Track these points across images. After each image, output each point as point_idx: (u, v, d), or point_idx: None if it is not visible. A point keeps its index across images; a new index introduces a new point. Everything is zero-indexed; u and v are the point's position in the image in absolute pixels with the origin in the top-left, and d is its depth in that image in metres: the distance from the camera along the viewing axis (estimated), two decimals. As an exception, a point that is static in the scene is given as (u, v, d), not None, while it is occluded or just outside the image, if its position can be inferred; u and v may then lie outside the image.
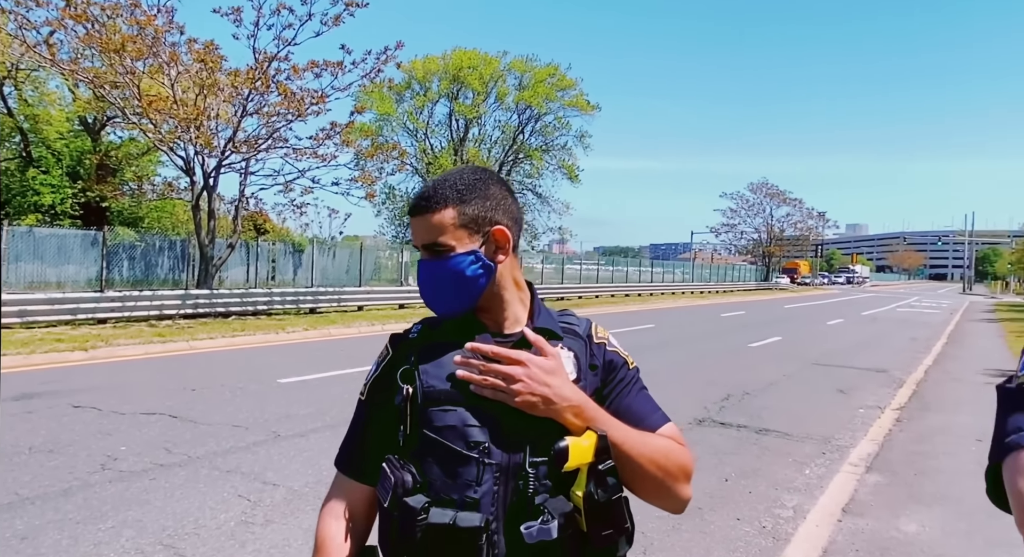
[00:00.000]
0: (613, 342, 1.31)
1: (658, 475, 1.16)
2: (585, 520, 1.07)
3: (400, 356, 1.24)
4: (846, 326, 23.14)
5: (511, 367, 1.12)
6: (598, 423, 1.13)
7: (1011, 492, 0.89)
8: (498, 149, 38.34)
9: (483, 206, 1.22)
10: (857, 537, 4.41)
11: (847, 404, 9.22)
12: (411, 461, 1.14)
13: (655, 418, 1.25)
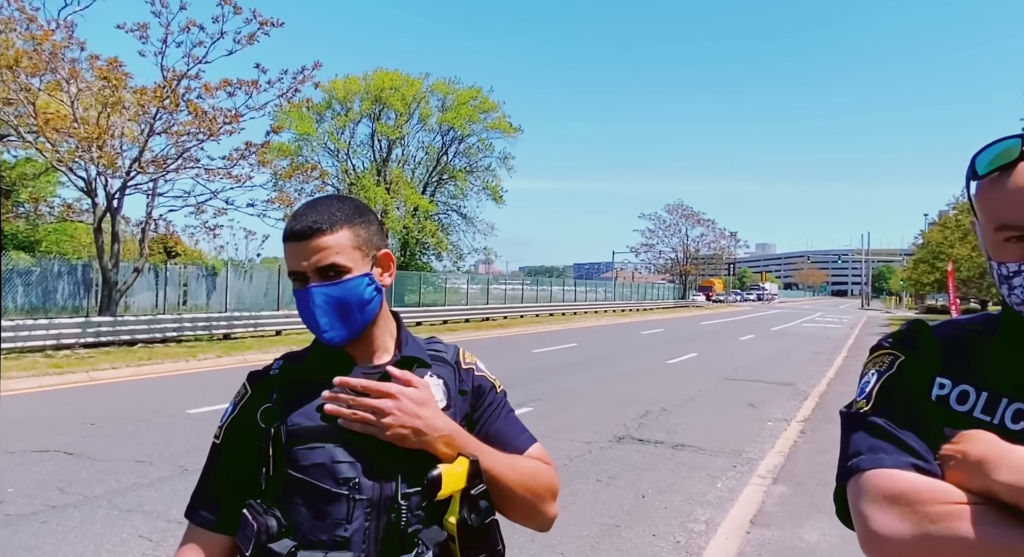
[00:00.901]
0: (480, 367, 1.34)
1: (527, 496, 1.20)
2: (459, 547, 1.09)
3: (260, 394, 1.21)
4: (757, 341, 24.19)
5: (381, 400, 1.12)
6: (469, 449, 1.15)
7: (853, 513, 0.94)
8: (422, 170, 38.31)
9: (370, 229, 1.23)
10: (763, 548, 4.60)
11: (757, 417, 9.62)
12: (275, 504, 1.11)
13: (523, 440, 1.29)
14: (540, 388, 11.52)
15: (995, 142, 0.99)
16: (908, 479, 0.90)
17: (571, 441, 7.72)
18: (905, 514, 0.87)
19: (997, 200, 0.97)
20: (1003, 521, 0.82)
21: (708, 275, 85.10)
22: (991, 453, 0.86)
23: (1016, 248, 0.94)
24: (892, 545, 0.88)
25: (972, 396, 0.98)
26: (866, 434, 0.99)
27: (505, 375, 8.71)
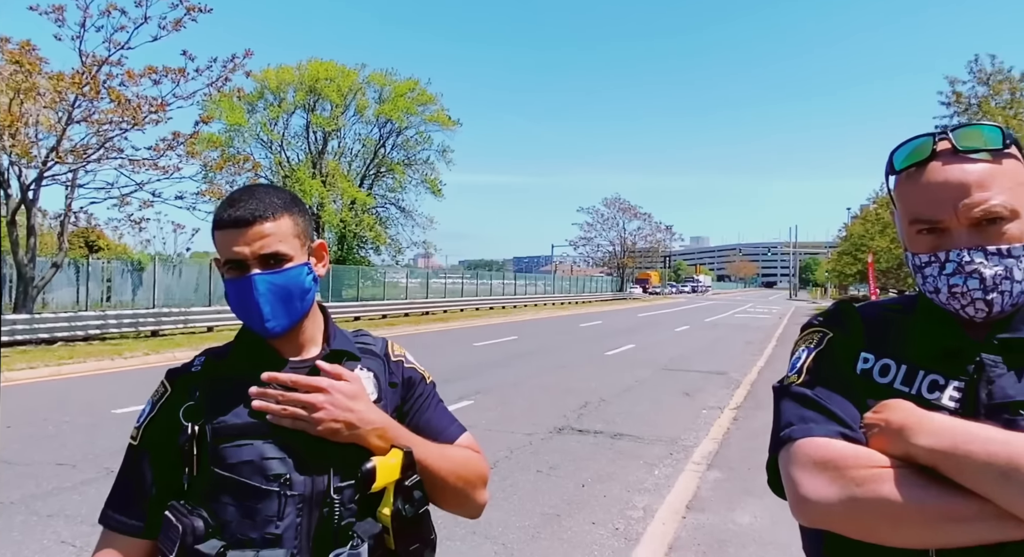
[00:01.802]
0: (410, 358, 1.34)
1: (459, 484, 1.21)
2: (393, 538, 1.09)
3: (180, 393, 1.17)
4: (691, 332, 24.88)
5: (312, 395, 1.11)
6: (402, 441, 1.15)
7: (784, 480, 1.00)
8: (359, 162, 37.67)
9: (306, 219, 1.21)
10: (698, 532, 4.75)
11: (692, 406, 9.91)
12: (201, 504, 1.08)
13: (453, 430, 1.30)
14: (481, 381, 11.54)
15: (910, 139, 1.06)
16: (835, 446, 0.96)
17: (512, 433, 7.77)
18: (832, 479, 0.93)
19: (911, 195, 1.03)
20: (921, 482, 0.88)
21: (645, 268, 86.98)
22: (911, 420, 0.92)
23: (927, 240, 1.01)
24: (820, 508, 0.93)
25: (893, 369, 1.05)
26: (797, 406, 1.05)
27: (446, 369, 8.80)
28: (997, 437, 0.86)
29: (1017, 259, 0.97)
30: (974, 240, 0.98)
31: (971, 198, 0.97)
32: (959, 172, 0.98)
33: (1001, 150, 1.00)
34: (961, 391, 0.99)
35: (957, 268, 0.98)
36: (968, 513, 0.85)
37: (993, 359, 0.99)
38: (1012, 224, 0.97)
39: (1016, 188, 0.99)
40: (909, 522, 0.88)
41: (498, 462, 6.54)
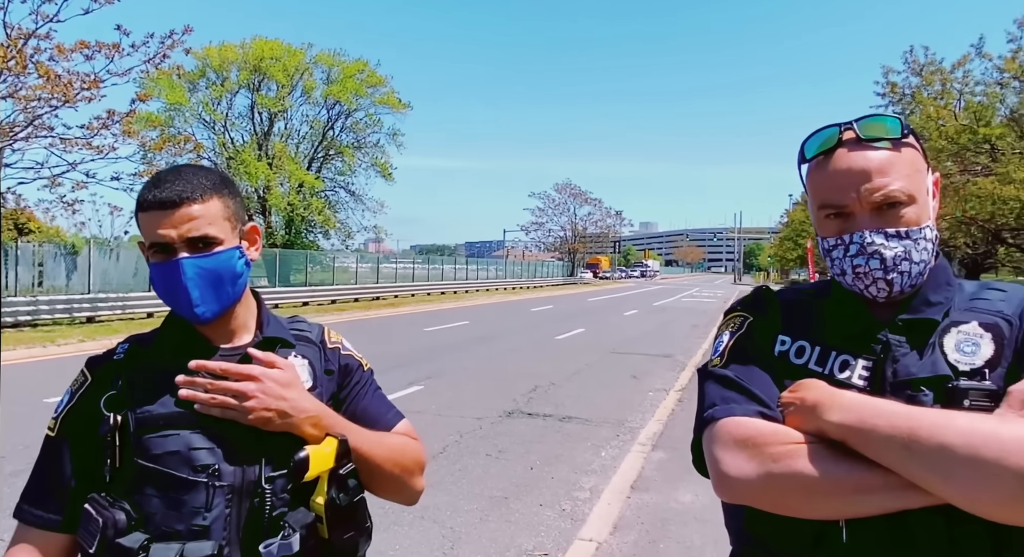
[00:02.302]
0: (347, 345, 1.32)
1: (395, 472, 1.21)
2: (327, 526, 1.08)
3: (101, 381, 1.14)
4: (640, 316, 25.32)
5: (243, 383, 1.08)
6: (337, 429, 1.14)
7: (707, 459, 1.04)
8: (307, 145, 36.80)
9: (237, 201, 1.18)
10: (642, 511, 4.87)
11: (639, 388, 10.10)
12: (124, 497, 1.05)
13: (390, 417, 1.30)
14: (431, 366, 11.52)
15: (820, 129, 1.12)
16: (754, 425, 1.01)
17: (462, 418, 7.79)
18: (751, 456, 0.97)
19: (819, 182, 1.09)
20: (832, 456, 0.93)
21: (595, 253, 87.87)
22: (822, 398, 0.97)
23: (834, 224, 1.07)
24: (740, 484, 0.98)
25: (808, 351, 1.10)
26: (719, 387, 1.09)
27: (396, 354, 8.74)
28: (900, 411, 0.91)
29: (915, 241, 1.03)
30: (875, 223, 1.03)
31: (872, 183, 1.02)
32: (862, 159, 1.04)
33: (900, 139, 1.06)
34: (869, 370, 1.04)
35: (860, 249, 1.04)
36: (874, 484, 0.90)
37: (898, 339, 1.05)
38: (910, 208, 1.03)
39: (914, 175, 1.05)
40: (821, 494, 0.92)
41: (448, 447, 6.56)
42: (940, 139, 12.95)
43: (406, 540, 4.34)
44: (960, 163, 13.91)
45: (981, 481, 0.83)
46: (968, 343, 1.02)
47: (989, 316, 1.04)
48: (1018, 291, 1.07)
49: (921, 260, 1.05)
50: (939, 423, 0.87)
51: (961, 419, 0.88)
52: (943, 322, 1.05)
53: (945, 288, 1.09)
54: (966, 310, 1.06)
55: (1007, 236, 15.40)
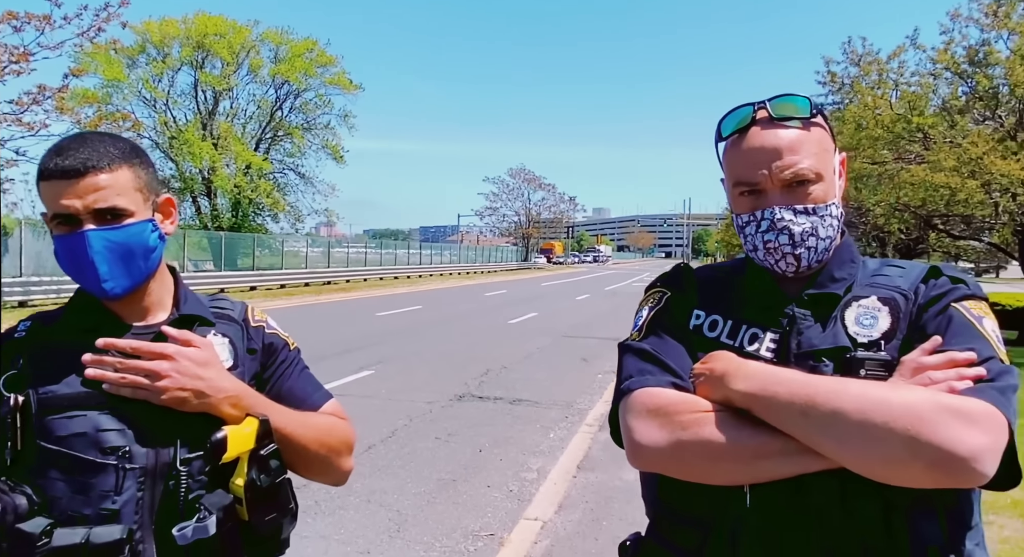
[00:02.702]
0: (272, 324, 1.30)
1: (322, 452, 1.20)
2: (247, 509, 1.06)
3: (1, 361, 1.09)
4: (592, 301, 25.61)
5: (155, 362, 1.06)
6: (258, 409, 1.11)
7: (622, 429, 1.08)
8: (254, 125, 35.76)
9: (149, 172, 1.14)
10: (587, 489, 4.96)
11: (588, 371, 10.25)
12: (25, 481, 1.02)
13: (318, 397, 1.28)
14: (383, 351, 11.44)
15: (736, 108, 1.15)
16: (666, 394, 1.05)
17: (412, 402, 7.78)
18: (662, 425, 1.01)
19: (734, 160, 1.13)
20: (736, 423, 0.97)
21: (549, 238, 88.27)
22: (729, 368, 1.02)
23: (747, 201, 1.11)
24: (651, 452, 1.02)
25: (720, 324, 1.14)
26: (636, 359, 1.13)
27: (347, 339, 8.65)
28: (799, 379, 0.96)
29: (821, 217, 1.08)
30: (785, 200, 1.07)
31: (783, 161, 1.06)
32: (773, 138, 1.08)
33: (809, 119, 1.10)
34: (776, 342, 1.09)
35: (771, 225, 1.08)
36: (774, 449, 0.94)
37: (803, 313, 1.09)
38: (817, 186, 1.08)
39: (822, 154, 1.09)
40: (725, 460, 0.97)
41: (397, 430, 6.54)
42: (877, 128, 13.39)
43: (352, 524, 4.32)
44: (895, 151, 14.43)
45: (870, 444, 0.88)
46: (867, 316, 1.06)
47: (887, 291, 1.09)
48: (915, 268, 1.13)
49: (827, 236, 1.09)
50: (834, 390, 0.92)
51: (854, 386, 0.93)
52: (845, 297, 1.09)
53: (849, 265, 1.13)
54: (867, 285, 1.11)
55: (937, 222, 16.08)
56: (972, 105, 13.72)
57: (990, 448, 0.87)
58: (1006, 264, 19.98)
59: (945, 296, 1.05)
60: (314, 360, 1.35)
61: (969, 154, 12.02)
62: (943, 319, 1.02)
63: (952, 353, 0.97)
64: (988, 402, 0.90)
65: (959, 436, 0.86)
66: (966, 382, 0.93)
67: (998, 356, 0.97)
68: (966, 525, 0.99)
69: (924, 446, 0.86)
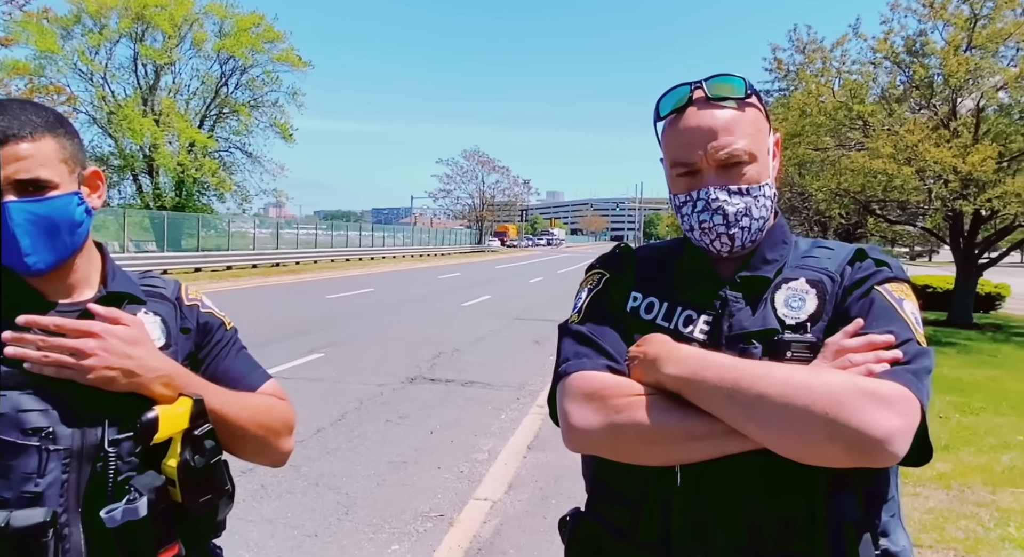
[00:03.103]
0: (207, 303, 1.27)
1: (259, 433, 1.18)
2: (181, 490, 1.05)
3: None
4: (545, 283, 25.77)
5: (81, 340, 1.03)
6: (192, 389, 1.10)
7: (559, 412, 1.10)
8: (198, 101, 34.53)
9: (75, 143, 1.09)
10: (537, 469, 5.04)
11: (541, 353, 10.33)
12: None
13: (256, 377, 1.26)
14: (333, 334, 11.30)
15: (673, 88, 1.15)
16: (601, 378, 1.07)
17: (363, 384, 7.73)
18: (597, 408, 1.03)
19: (672, 140, 1.14)
20: (667, 406, 1.00)
21: (503, 221, 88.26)
22: (662, 352, 1.04)
23: (685, 182, 1.13)
24: (586, 435, 1.04)
25: (656, 306, 1.16)
26: (573, 342, 1.14)
27: (296, 322, 8.52)
28: (727, 363, 0.99)
29: (755, 198, 1.10)
30: (720, 181, 1.09)
31: (718, 142, 1.08)
32: (709, 118, 1.09)
33: (744, 99, 1.11)
34: (709, 324, 1.11)
35: (706, 205, 1.10)
36: (703, 432, 0.97)
37: (735, 295, 1.12)
38: (751, 166, 1.10)
39: (756, 134, 1.11)
40: (657, 442, 1.00)
41: (347, 413, 6.50)
42: (820, 115, 13.75)
43: (299, 507, 4.30)
44: (837, 138, 14.87)
45: (791, 427, 0.91)
46: (795, 298, 1.09)
47: (815, 273, 1.11)
48: (843, 249, 1.16)
49: (760, 216, 1.11)
50: (759, 374, 0.95)
51: (778, 371, 0.96)
52: (776, 279, 1.12)
53: (781, 246, 1.16)
54: (797, 267, 1.13)
55: (875, 207, 16.68)
56: (909, 94, 14.21)
57: (903, 430, 0.91)
58: (938, 248, 20.95)
59: (869, 279, 1.08)
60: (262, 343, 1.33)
61: (905, 142, 12.48)
62: (866, 302, 1.05)
63: (872, 336, 1.00)
64: (903, 385, 0.94)
65: (875, 419, 0.89)
66: (884, 365, 0.97)
67: (915, 338, 1.01)
68: (882, 498, 1.04)
69: (842, 429, 0.89)
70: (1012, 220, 13.64)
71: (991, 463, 5.10)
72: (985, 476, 4.80)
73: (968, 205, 12.81)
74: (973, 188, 12.63)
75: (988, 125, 13.55)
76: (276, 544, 3.79)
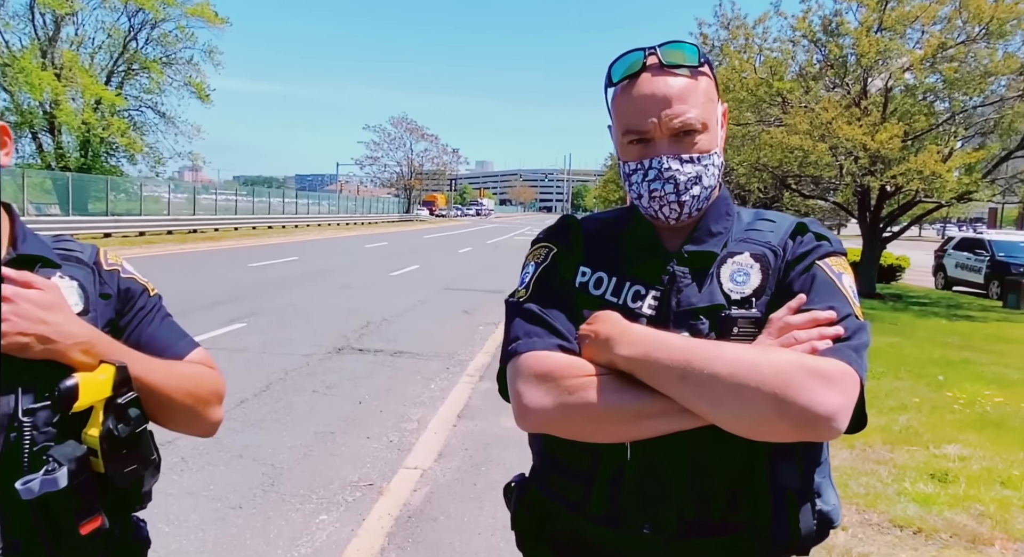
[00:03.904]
0: (128, 268, 1.22)
1: (187, 402, 1.15)
2: (104, 460, 1.00)
3: None
4: (474, 254, 25.75)
5: None
6: (114, 356, 1.04)
7: (510, 392, 1.10)
8: (104, 56, 32.18)
9: None
10: (467, 437, 5.08)
11: (470, 322, 10.36)
12: None
13: (183, 345, 1.22)
14: (256, 303, 10.96)
15: (626, 53, 1.14)
16: (553, 358, 1.06)
17: (288, 355, 7.55)
18: (549, 389, 1.03)
19: (624, 107, 1.13)
20: (619, 387, 1.01)
21: (432, 190, 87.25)
22: (614, 332, 1.04)
23: (636, 149, 1.12)
24: (538, 416, 1.04)
25: (605, 281, 1.16)
26: (523, 321, 1.13)
27: (216, 290, 8.22)
28: (678, 344, 1.00)
29: (705, 167, 1.11)
30: (672, 149, 1.09)
31: (672, 110, 1.08)
32: (663, 85, 1.09)
33: (697, 67, 1.12)
34: (657, 300, 1.12)
35: (658, 174, 1.10)
36: (655, 410, 0.99)
37: (682, 270, 1.13)
38: (703, 136, 1.10)
39: (708, 104, 1.12)
40: (609, 421, 1.01)
41: (272, 384, 6.35)
42: (742, 90, 14.17)
43: (222, 479, 4.19)
44: (757, 114, 15.37)
45: (742, 406, 0.94)
46: (740, 273, 1.11)
47: (759, 247, 1.13)
48: (784, 222, 1.18)
49: (709, 185, 1.12)
50: (710, 355, 0.97)
51: (728, 351, 0.98)
52: (721, 253, 1.14)
53: (725, 218, 1.17)
54: (741, 241, 1.15)
55: (791, 182, 17.42)
56: (824, 72, 14.80)
57: (846, 406, 0.95)
58: (846, 222, 22.20)
59: (810, 254, 1.11)
60: (180, 312, 1.26)
61: (820, 119, 13.03)
62: (807, 277, 1.08)
63: (815, 312, 1.03)
64: (844, 362, 0.97)
65: (820, 398, 0.93)
66: (827, 342, 1.00)
67: (854, 313, 1.05)
68: (816, 462, 1.10)
69: (790, 407, 0.92)
70: (913, 195, 14.50)
71: (890, 423, 5.49)
72: (884, 436, 5.17)
73: (875, 181, 13.53)
74: (880, 165, 13.34)
75: (895, 104, 14.29)
76: (198, 517, 3.69)
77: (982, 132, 15.31)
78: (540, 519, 1.19)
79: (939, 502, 3.97)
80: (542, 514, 1.19)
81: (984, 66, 13.09)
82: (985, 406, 6.19)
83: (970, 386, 6.92)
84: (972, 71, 13.26)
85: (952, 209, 23.07)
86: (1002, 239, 19.20)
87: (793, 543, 1.03)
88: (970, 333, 11.12)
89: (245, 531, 3.58)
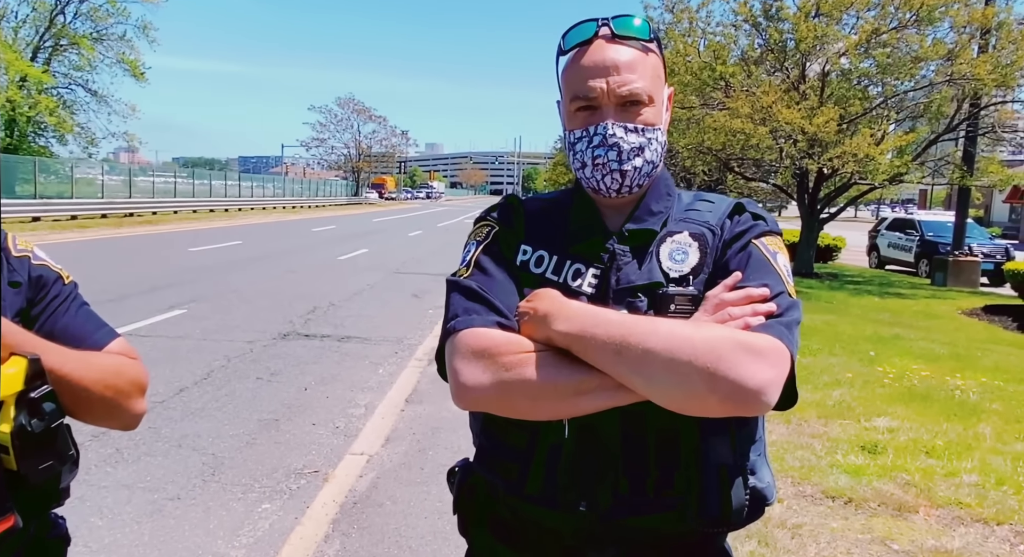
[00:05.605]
0: (40, 255, 1.16)
1: (107, 394, 1.10)
2: (16, 457, 0.95)
3: None
4: (425, 237, 25.54)
5: None
6: (26, 348, 0.99)
7: (448, 369, 1.09)
8: (29, 30, 30.46)
9: None
10: (415, 422, 5.06)
11: (420, 307, 10.29)
12: None
13: (101, 335, 1.17)
14: (197, 289, 10.63)
15: (579, 23, 1.15)
16: (491, 335, 1.06)
17: (231, 341, 7.37)
18: (487, 366, 1.03)
19: (573, 74, 1.14)
20: (556, 363, 1.01)
21: (381, 173, 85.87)
22: (552, 308, 1.04)
23: (582, 117, 1.13)
24: (476, 393, 1.04)
25: (546, 260, 1.17)
26: (462, 298, 1.12)
27: (154, 276, 7.94)
28: (615, 320, 1.01)
29: (649, 140, 1.12)
30: (619, 117, 1.10)
31: (620, 77, 1.09)
32: (613, 53, 1.10)
33: (648, 42, 1.13)
34: (597, 278, 1.13)
35: (602, 140, 1.10)
36: (592, 386, 1.00)
37: (622, 249, 1.14)
38: (649, 109, 1.12)
39: (655, 80, 1.14)
40: (545, 398, 1.01)
41: (213, 372, 6.19)
42: (686, 74, 14.37)
43: (160, 470, 4.07)
44: (701, 97, 15.62)
45: (675, 381, 0.95)
46: (679, 252, 1.13)
47: (697, 226, 1.15)
48: (723, 202, 1.20)
49: (651, 161, 1.13)
50: (646, 331, 0.98)
51: (663, 326, 0.99)
52: (661, 232, 1.15)
53: (666, 198, 1.19)
54: (680, 220, 1.17)
55: (734, 165, 17.82)
56: (765, 57, 15.13)
57: (775, 381, 0.97)
58: (787, 204, 22.89)
59: (747, 233, 1.13)
60: (116, 298, 1.21)
61: (761, 102, 13.33)
62: (743, 256, 1.10)
63: (749, 290, 1.05)
64: (775, 337, 0.99)
65: (751, 372, 0.94)
66: (759, 318, 1.02)
67: (787, 290, 1.07)
68: (751, 439, 1.12)
69: (721, 381, 0.93)
70: (849, 178, 15.02)
71: (824, 398, 5.71)
72: (819, 410, 5.38)
73: (813, 163, 13.95)
74: (817, 148, 13.75)
75: (832, 89, 14.72)
76: (133, 509, 3.58)
77: (912, 116, 15.94)
78: (481, 501, 1.20)
79: (868, 473, 4.15)
80: (483, 496, 1.20)
81: (915, 52, 13.59)
82: (912, 380, 6.49)
83: (899, 361, 7.25)
84: (903, 57, 13.75)
85: (885, 191, 23.99)
86: (931, 219, 20.12)
87: (724, 518, 1.05)
88: (900, 310, 11.64)
89: (183, 523, 3.49)
